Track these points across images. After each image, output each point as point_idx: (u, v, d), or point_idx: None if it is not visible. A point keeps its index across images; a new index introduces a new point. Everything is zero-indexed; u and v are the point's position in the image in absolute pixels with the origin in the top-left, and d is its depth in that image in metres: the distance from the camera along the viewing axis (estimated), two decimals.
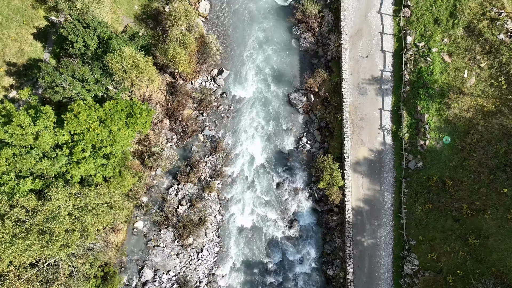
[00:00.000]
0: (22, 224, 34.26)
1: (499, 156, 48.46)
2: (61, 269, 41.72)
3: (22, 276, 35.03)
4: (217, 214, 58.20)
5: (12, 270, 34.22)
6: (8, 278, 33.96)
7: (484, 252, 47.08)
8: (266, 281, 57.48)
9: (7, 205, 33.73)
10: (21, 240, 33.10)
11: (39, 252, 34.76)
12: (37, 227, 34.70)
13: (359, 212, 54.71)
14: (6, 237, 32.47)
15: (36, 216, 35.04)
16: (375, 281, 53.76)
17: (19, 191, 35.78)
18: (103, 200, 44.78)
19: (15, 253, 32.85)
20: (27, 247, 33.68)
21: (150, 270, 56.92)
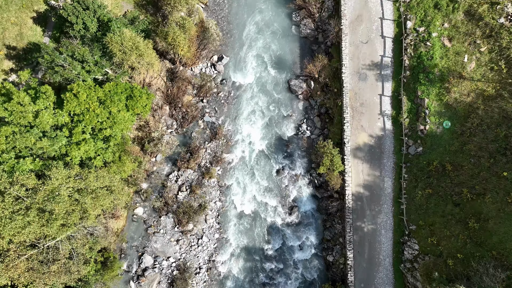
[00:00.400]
0: (22, 201, 34.17)
1: (499, 140, 48.42)
2: (61, 250, 41.68)
3: (23, 255, 34.93)
4: (217, 200, 58.14)
5: (12, 248, 34.15)
6: (9, 256, 33.89)
7: (484, 235, 47.04)
8: (266, 267, 57.44)
9: (7, 182, 33.64)
10: (20, 217, 33.00)
11: (38, 230, 34.69)
12: (37, 205, 34.61)
13: (359, 198, 54.66)
14: (6, 213, 32.39)
15: (36, 195, 34.95)
16: (375, 266, 53.74)
17: (19, 169, 35.69)
18: (102, 183, 44.68)
19: (15, 229, 32.76)
20: (27, 224, 33.60)
21: (150, 257, 56.87)
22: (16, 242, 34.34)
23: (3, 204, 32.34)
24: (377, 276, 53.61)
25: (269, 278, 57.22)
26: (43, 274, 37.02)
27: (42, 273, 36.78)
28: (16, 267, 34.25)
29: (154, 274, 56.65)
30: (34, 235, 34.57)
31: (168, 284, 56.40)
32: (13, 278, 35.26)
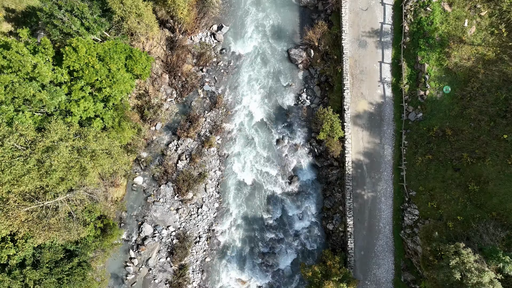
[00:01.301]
0: (21, 151, 34.02)
1: (499, 103, 48.33)
2: (60, 209, 41.60)
3: (22, 205, 34.81)
4: (216, 169, 58.06)
5: (11, 197, 34.04)
6: (9, 204, 33.78)
7: (484, 197, 46.99)
8: (266, 237, 57.39)
9: (6, 130, 33.49)
10: (20, 163, 32.89)
11: (38, 181, 34.56)
12: (36, 156, 34.51)
13: (359, 166, 54.60)
14: (5, 157, 32.25)
15: (35, 146, 34.81)
16: (375, 234, 53.70)
17: (18, 120, 35.57)
18: (102, 144, 44.58)
19: (14, 174, 32.66)
20: (26, 172, 33.49)
21: (149, 226, 56.83)
22: (15, 192, 34.22)
23: (2, 148, 32.21)
24: (377, 243, 53.60)
25: (269, 247, 57.18)
26: (43, 227, 36.95)
27: (41, 225, 36.71)
28: (16, 216, 34.16)
29: (154, 243, 56.63)
30: (33, 185, 34.46)
31: (168, 253, 56.38)
32: (12, 228, 35.16)
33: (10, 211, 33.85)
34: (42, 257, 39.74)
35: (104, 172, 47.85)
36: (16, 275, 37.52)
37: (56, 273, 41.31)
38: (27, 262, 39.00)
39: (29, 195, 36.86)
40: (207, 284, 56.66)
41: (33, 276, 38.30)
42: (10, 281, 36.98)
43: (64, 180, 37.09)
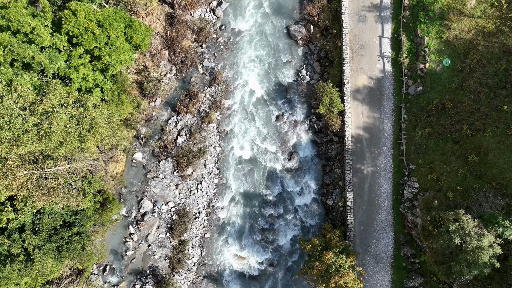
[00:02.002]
0: (20, 109, 33.96)
1: (499, 74, 48.27)
2: (59, 177, 41.56)
3: (21, 166, 34.74)
4: (216, 145, 58.01)
5: (11, 157, 33.97)
6: (8, 164, 33.70)
7: (483, 168, 46.96)
8: (266, 213, 57.34)
9: (6, 89, 33.41)
10: (19, 121, 32.81)
11: (36, 142, 34.47)
12: (35, 117, 34.43)
13: (358, 140, 54.56)
14: (4, 113, 32.18)
15: (35, 108, 34.74)
16: (375, 209, 53.68)
17: (17, 81, 35.50)
18: (101, 114, 44.53)
19: (13, 132, 32.56)
20: (25, 131, 33.41)
21: (149, 201, 56.80)
22: (14, 153, 34.14)
23: (1, 105, 32.13)
24: (377, 218, 53.58)
25: (269, 223, 57.14)
26: (42, 190, 36.90)
27: (41, 189, 36.67)
28: (15, 177, 34.10)
29: (154, 219, 56.60)
30: (32, 147, 34.37)
31: (167, 229, 56.35)
32: (11, 189, 35.10)
33: (9, 171, 33.78)
34: (42, 222, 39.71)
35: (103, 144, 47.73)
36: (15, 239, 37.50)
37: (56, 240, 41.28)
38: (27, 227, 38.97)
39: (29, 159, 36.80)
40: (206, 260, 56.64)
41: (33, 241, 38.27)
42: (10, 244, 36.96)
43: (63, 144, 37.03)
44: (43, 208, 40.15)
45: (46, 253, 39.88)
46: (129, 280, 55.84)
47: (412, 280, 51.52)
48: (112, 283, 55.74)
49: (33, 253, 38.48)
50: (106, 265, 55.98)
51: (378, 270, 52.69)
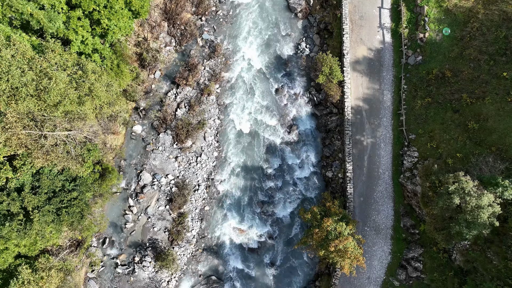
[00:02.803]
0: (19, 62, 33.83)
1: (499, 41, 48.18)
2: (60, 145, 41.48)
3: (20, 123, 34.61)
4: (215, 118, 57.94)
5: (9, 112, 33.85)
6: (7, 118, 33.60)
7: (483, 134, 46.87)
8: (265, 186, 57.29)
9: (4, 43, 33.30)
10: (18, 73, 32.73)
11: (35, 98, 34.39)
12: (34, 72, 34.33)
13: (358, 111, 54.48)
14: (3, 64, 32.07)
15: (34, 64, 34.66)
16: (375, 180, 53.61)
17: (16, 36, 35.45)
18: (100, 80, 44.48)
19: (11, 84, 32.44)
20: (24, 84, 33.33)
21: (148, 174, 56.73)
22: (13, 108, 34.04)
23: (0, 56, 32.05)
24: (377, 189, 53.51)
25: (268, 196, 57.08)
26: (41, 148, 36.82)
27: (40, 146, 36.58)
28: (14, 132, 34.00)
29: (153, 191, 56.54)
30: (31, 103, 34.28)
31: (167, 201, 56.29)
32: (10, 145, 35.00)
33: (8, 125, 33.68)
34: (41, 184, 39.60)
35: (102, 113, 47.58)
36: (14, 197, 37.41)
37: (55, 203, 41.17)
38: (26, 188, 38.85)
39: (28, 118, 36.67)
40: (206, 233, 56.60)
41: (32, 200, 38.18)
42: (9, 202, 36.88)
43: (62, 103, 36.94)
44: (42, 169, 40.07)
45: (45, 214, 39.81)
46: (128, 253, 55.79)
47: (412, 251, 51.46)
48: (111, 255, 55.69)
49: (32, 213, 38.40)
50: (106, 238, 55.94)
51: (378, 241, 52.60)
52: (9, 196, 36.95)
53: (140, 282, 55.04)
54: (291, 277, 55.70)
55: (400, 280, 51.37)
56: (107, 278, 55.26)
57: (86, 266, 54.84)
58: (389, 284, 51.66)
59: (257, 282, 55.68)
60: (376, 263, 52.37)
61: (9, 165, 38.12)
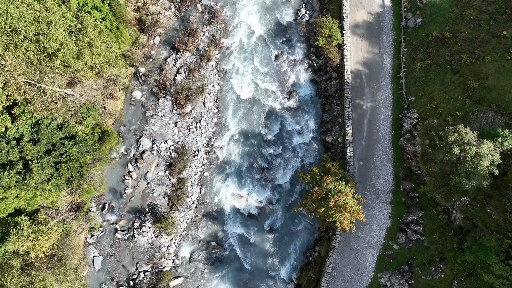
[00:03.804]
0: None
1: (499, 0, 48.09)
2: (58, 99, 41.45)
3: (20, 67, 34.54)
4: (215, 84, 57.87)
5: (8, 56, 33.77)
6: (6, 61, 33.52)
7: (483, 92, 46.82)
8: (265, 152, 57.22)
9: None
10: (17, 12, 32.61)
11: (34, 42, 34.28)
12: (32, 11, 34.18)
13: (358, 76, 54.44)
14: (1, 1, 32.01)
15: (31, 8, 34.60)
16: (374, 144, 53.56)
17: None
18: (100, 38, 44.42)
19: (10, 22, 32.31)
20: (23, 26, 33.25)
21: (148, 140, 56.66)
22: (12, 50, 33.95)
23: None
24: (376, 153, 53.47)
25: (268, 162, 57.02)
26: (39, 99, 36.77)
27: (38, 97, 36.54)
28: (13, 75, 33.94)
29: (152, 157, 56.49)
30: (30, 47, 34.17)
31: (166, 167, 56.24)
32: (9, 89, 34.93)
33: (6, 67, 33.60)
34: (40, 135, 39.53)
35: (101, 72, 47.48)
36: (13, 146, 37.34)
37: (54, 156, 41.14)
38: (25, 138, 38.79)
39: (27, 66, 36.62)
40: (205, 199, 56.55)
41: (31, 149, 38.12)
42: (8, 150, 36.81)
43: (61, 51, 36.88)
44: (42, 120, 40.01)
45: (44, 166, 39.79)
46: (128, 218, 55.75)
47: (411, 214, 51.40)
48: (110, 221, 55.64)
49: (31, 163, 38.35)
50: (105, 203, 55.89)
51: (377, 205, 52.54)
52: (8, 144, 36.87)
53: (140, 248, 55.01)
54: (290, 243, 55.67)
55: (399, 244, 51.32)
56: (106, 243, 55.23)
57: (86, 231, 54.84)
58: (389, 247, 51.62)
59: (256, 248, 55.64)
60: (376, 227, 52.31)
61: (8, 115, 38.07)
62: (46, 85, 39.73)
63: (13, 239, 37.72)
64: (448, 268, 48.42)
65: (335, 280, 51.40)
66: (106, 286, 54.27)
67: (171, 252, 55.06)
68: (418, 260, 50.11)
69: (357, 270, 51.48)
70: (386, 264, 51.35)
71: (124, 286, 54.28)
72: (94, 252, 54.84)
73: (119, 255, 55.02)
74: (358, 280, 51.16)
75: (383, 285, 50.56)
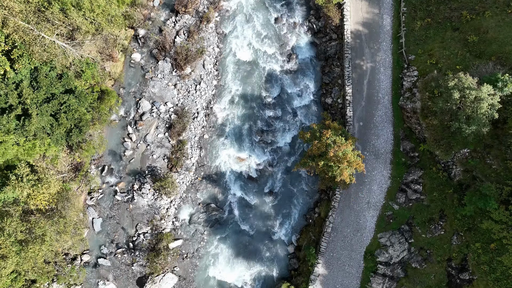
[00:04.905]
0: None
1: None
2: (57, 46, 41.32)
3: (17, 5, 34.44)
4: (215, 46, 57.78)
5: None
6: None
7: (483, 46, 46.69)
8: (265, 115, 57.15)
9: None
10: None
11: None
12: None
13: (358, 36, 54.34)
14: None
15: None
16: (374, 104, 53.48)
17: None
18: None
19: None
20: None
21: (147, 102, 56.59)
22: None
23: None
24: (376, 114, 53.39)
25: (268, 125, 56.96)
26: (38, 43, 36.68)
27: (36, 37, 36.44)
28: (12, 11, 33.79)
29: (152, 119, 56.42)
30: None
31: (166, 128, 56.17)
32: (7, 26, 34.82)
33: (5, 2, 33.46)
34: (39, 80, 39.40)
35: (100, 28, 47.40)
36: (12, 89, 37.26)
37: (54, 105, 41.06)
38: (24, 83, 38.69)
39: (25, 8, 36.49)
40: (205, 161, 56.50)
41: (30, 94, 38.03)
42: (8, 92, 36.71)
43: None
44: (41, 67, 39.91)
45: (43, 114, 39.71)
46: (127, 181, 55.72)
47: (411, 174, 51.31)
48: (110, 183, 55.63)
49: (30, 108, 38.27)
50: (104, 166, 55.86)
51: (377, 166, 52.45)
52: (7, 86, 36.77)
53: (139, 210, 55.00)
54: (290, 205, 55.65)
55: (399, 204, 51.26)
56: (106, 205, 55.22)
57: (85, 192, 54.78)
58: (389, 208, 51.56)
59: (256, 210, 55.61)
60: (376, 188, 52.23)
61: (7, 59, 37.99)
62: (45, 35, 39.64)
63: (12, 183, 37.63)
64: (448, 224, 48.40)
65: (334, 240, 51.37)
66: (106, 248, 54.26)
67: (171, 214, 55.02)
68: (418, 219, 50.05)
69: (357, 231, 51.44)
70: (386, 225, 51.29)
71: (123, 248, 54.27)
72: (93, 214, 54.82)
73: (119, 217, 55.01)
74: (358, 240, 51.12)
75: (383, 245, 50.53)
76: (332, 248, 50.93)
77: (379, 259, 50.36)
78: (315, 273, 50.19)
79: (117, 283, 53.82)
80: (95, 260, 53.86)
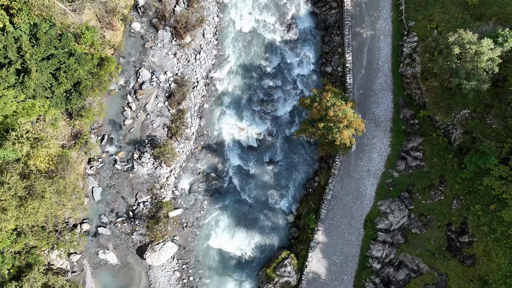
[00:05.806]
0: None
1: None
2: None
3: None
4: (214, 16, 57.68)
5: None
6: None
7: (483, 8, 46.65)
8: (265, 84, 57.08)
9: None
10: None
11: None
12: None
13: (357, 4, 54.25)
14: None
15: None
16: (374, 72, 53.40)
17: None
18: None
19: None
20: None
21: (147, 71, 56.50)
22: None
23: None
24: (376, 82, 53.31)
25: (268, 94, 56.89)
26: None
27: None
28: None
29: (152, 88, 56.35)
30: None
31: (166, 98, 56.10)
32: None
33: None
34: (39, 36, 39.28)
35: None
36: (11, 42, 37.15)
37: (53, 63, 40.98)
38: (24, 38, 38.58)
39: None
40: (205, 131, 56.43)
41: (30, 48, 37.94)
42: (7, 45, 36.63)
43: None
44: (40, 23, 39.82)
45: (43, 71, 39.64)
46: (127, 150, 55.63)
47: (411, 141, 51.22)
48: (110, 152, 55.53)
49: (29, 62, 38.17)
50: (104, 135, 55.77)
51: (377, 134, 52.37)
52: (7, 39, 36.68)
53: (139, 178, 54.93)
54: (290, 175, 55.59)
55: (399, 171, 51.18)
56: (106, 175, 55.15)
57: (85, 161, 54.72)
58: (389, 175, 51.47)
59: (256, 180, 55.56)
60: (376, 155, 52.13)
61: (6, 14, 37.92)
62: None
63: (11, 139, 37.59)
64: (448, 189, 48.34)
65: (334, 208, 51.27)
66: (106, 217, 54.21)
67: (171, 183, 54.96)
68: (418, 186, 49.99)
69: (357, 199, 51.35)
70: (386, 192, 51.22)
71: (123, 217, 54.23)
72: (93, 183, 54.75)
73: (119, 187, 54.94)
74: (357, 208, 51.03)
75: (383, 212, 50.46)
76: (332, 216, 50.83)
77: (379, 226, 50.28)
78: (315, 240, 50.12)
79: (116, 252, 53.77)
80: (95, 229, 53.80)
